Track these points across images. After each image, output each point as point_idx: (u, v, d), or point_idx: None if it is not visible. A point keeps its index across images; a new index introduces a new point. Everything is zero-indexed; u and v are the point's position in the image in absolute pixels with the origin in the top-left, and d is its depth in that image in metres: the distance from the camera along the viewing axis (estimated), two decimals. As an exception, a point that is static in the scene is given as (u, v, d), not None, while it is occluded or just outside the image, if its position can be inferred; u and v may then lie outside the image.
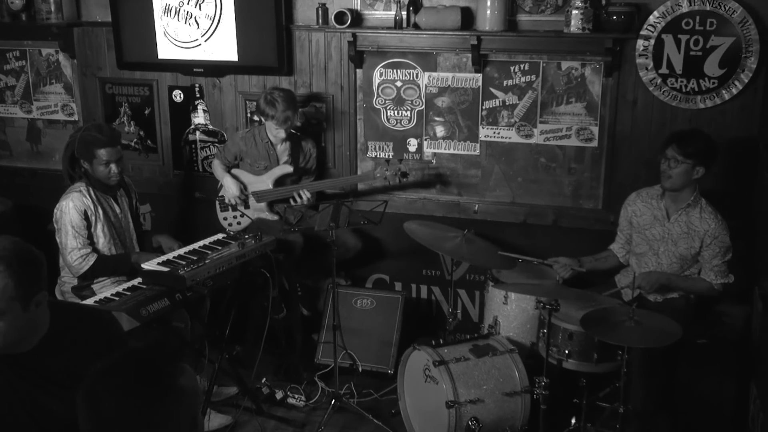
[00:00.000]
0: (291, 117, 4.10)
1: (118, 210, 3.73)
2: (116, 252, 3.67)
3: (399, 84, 4.36)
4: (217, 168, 4.42)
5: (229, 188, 4.31)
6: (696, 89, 3.87)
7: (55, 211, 3.57)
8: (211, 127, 4.76)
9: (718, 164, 3.60)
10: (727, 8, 3.72)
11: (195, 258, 3.48)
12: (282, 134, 4.15)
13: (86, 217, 3.56)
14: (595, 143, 4.14)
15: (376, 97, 4.41)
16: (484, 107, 4.26)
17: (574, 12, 3.80)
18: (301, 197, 4.16)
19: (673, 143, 3.46)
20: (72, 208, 3.53)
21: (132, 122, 4.89)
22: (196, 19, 4.49)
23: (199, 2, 4.46)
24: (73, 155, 3.60)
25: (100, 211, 3.61)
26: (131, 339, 2.38)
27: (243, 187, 4.33)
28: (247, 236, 3.71)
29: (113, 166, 3.59)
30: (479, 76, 4.20)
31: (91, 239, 3.60)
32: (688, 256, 3.52)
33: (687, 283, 3.55)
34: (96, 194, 3.62)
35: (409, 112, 4.39)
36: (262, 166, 4.30)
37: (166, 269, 3.34)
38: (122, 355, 1.55)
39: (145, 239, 3.94)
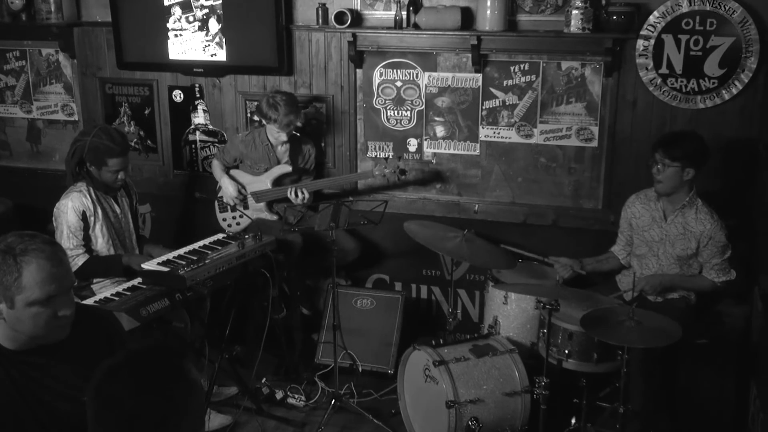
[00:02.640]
0: (293, 121, 4.11)
1: (118, 210, 3.74)
2: (115, 252, 3.67)
3: (399, 84, 4.36)
4: (216, 169, 4.42)
5: (227, 189, 4.31)
6: (696, 89, 3.87)
7: (55, 210, 3.58)
8: (211, 127, 4.76)
9: (718, 164, 3.61)
10: (727, 8, 3.72)
11: (195, 258, 3.48)
12: (284, 137, 4.15)
13: (85, 218, 3.56)
14: (595, 143, 4.14)
15: (376, 97, 4.41)
16: (484, 107, 4.26)
17: (574, 12, 3.80)
18: (297, 195, 4.15)
19: (660, 147, 3.47)
20: (70, 209, 3.53)
21: (132, 122, 4.89)
22: (196, 19, 4.49)
23: (199, 2, 4.46)
24: (81, 159, 3.59)
25: (100, 212, 3.61)
26: (132, 339, 2.37)
27: (241, 188, 4.33)
28: (247, 236, 3.72)
29: (121, 174, 3.61)
30: (479, 76, 4.20)
31: (88, 240, 3.60)
32: (685, 256, 3.52)
33: (690, 282, 3.57)
34: (97, 194, 3.63)
35: (409, 112, 4.39)
36: (263, 168, 4.30)
37: (166, 269, 3.35)
38: (131, 352, 1.56)
39: (141, 245, 3.92)
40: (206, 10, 4.46)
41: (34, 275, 1.85)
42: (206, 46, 4.52)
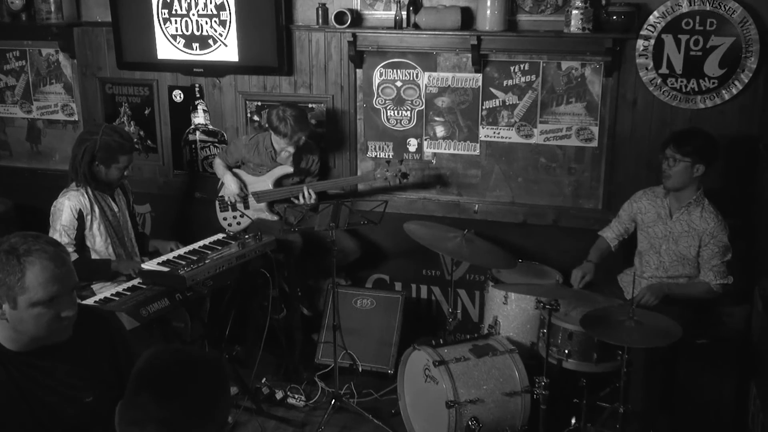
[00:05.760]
0: (302, 137, 4.13)
1: (115, 208, 3.74)
2: (114, 250, 3.67)
3: (399, 84, 4.36)
4: (219, 166, 4.43)
5: (229, 186, 4.32)
6: (696, 89, 3.87)
7: (52, 207, 3.60)
8: (211, 127, 4.76)
9: (719, 164, 3.61)
10: (727, 8, 3.72)
11: (195, 258, 3.49)
12: (291, 149, 4.16)
13: (81, 217, 3.56)
14: (595, 143, 4.14)
15: (376, 97, 4.41)
16: (484, 107, 4.26)
17: (574, 12, 3.80)
18: (305, 196, 4.16)
19: (672, 142, 3.48)
20: (67, 207, 3.54)
21: (132, 122, 4.89)
22: (196, 20, 4.49)
23: (198, 2, 4.45)
24: (92, 159, 3.59)
25: (97, 210, 3.62)
26: (132, 339, 2.37)
27: (243, 186, 4.34)
28: (247, 236, 3.72)
29: (127, 170, 3.66)
30: (479, 76, 4.20)
31: (82, 240, 3.60)
32: (688, 255, 3.52)
33: (686, 289, 3.56)
34: (93, 193, 3.63)
35: (409, 112, 4.39)
36: (264, 172, 4.31)
37: (166, 269, 3.35)
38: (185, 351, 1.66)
39: (143, 242, 3.92)
40: (206, 11, 4.46)
41: (37, 276, 1.85)
42: (206, 46, 4.53)
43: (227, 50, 4.47)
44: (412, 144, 4.43)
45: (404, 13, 4.10)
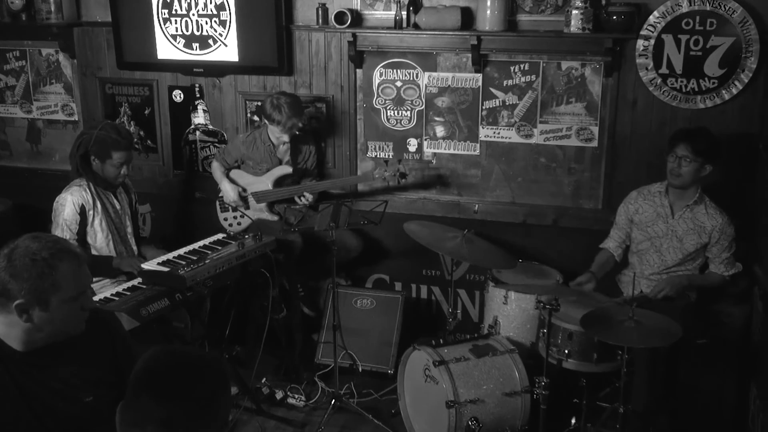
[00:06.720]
0: (296, 123, 4.13)
1: (117, 206, 3.74)
2: (115, 247, 3.67)
3: (399, 84, 4.36)
4: (216, 171, 4.42)
5: (228, 194, 4.32)
6: (696, 89, 3.87)
7: (54, 203, 3.61)
8: (211, 127, 4.76)
9: (719, 164, 3.61)
10: (727, 8, 3.72)
11: (195, 258, 3.48)
12: (286, 138, 4.16)
13: (83, 212, 3.57)
14: (595, 143, 4.14)
15: (376, 97, 4.41)
16: (484, 107, 4.26)
17: (574, 12, 3.80)
18: (301, 199, 4.18)
19: (684, 141, 3.47)
20: (69, 202, 3.55)
21: (132, 122, 4.89)
22: (196, 20, 4.49)
23: (198, 2, 4.45)
24: (86, 152, 3.60)
25: (99, 206, 3.62)
26: (133, 339, 2.37)
27: (242, 190, 4.33)
28: (247, 236, 3.72)
29: (124, 169, 3.64)
30: (479, 76, 4.20)
31: (84, 236, 3.60)
32: (693, 252, 3.54)
33: (704, 280, 3.60)
34: (96, 189, 3.64)
35: (409, 112, 4.39)
36: (264, 169, 4.31)
37: (166, 269, 3.35)
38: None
39: (140, 246, 3.91)
40: (207, 11, 4.46)
41: (66, 275, 1.92)
42: (206, 46, 4.53)
43: (227, 50, 4.48)
44: (412, 144, 4.43)
45: (404, 13, 4.10)
